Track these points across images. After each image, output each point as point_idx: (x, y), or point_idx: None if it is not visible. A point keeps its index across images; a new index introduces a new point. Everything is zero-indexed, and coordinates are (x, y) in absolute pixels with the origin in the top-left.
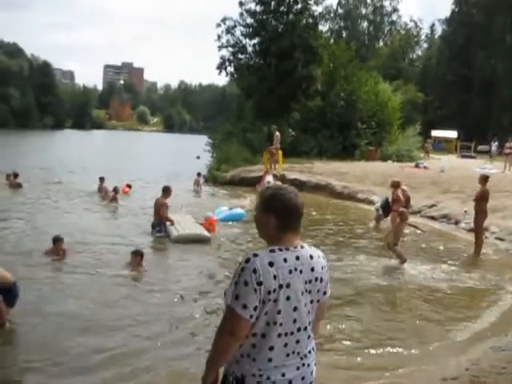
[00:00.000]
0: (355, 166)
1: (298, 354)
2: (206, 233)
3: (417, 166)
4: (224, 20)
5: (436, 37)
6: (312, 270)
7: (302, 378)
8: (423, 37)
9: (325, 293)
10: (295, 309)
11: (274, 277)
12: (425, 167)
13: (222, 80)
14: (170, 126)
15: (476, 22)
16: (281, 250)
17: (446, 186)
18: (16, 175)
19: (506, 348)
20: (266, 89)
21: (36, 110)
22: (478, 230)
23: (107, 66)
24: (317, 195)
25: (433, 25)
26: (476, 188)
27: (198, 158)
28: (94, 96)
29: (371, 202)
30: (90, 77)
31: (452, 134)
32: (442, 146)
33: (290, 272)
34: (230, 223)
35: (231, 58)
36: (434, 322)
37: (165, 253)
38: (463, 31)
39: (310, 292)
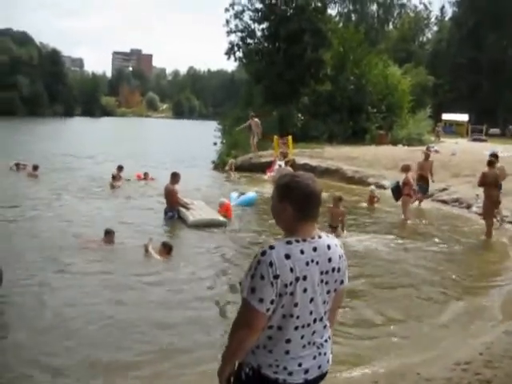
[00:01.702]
0: (366, 151)
1: (314, 343)
2: (221, 218)
3: (428, 149)
4: (232, 5)
5: (446, 19)
6: (329, 260)
7: (319, 367)
8: (433, 19)
9: (342, 282)
10: (311, 300)
11: (291, 269)
12: (436, 151)
13: (230, 65)
14: (179, 113)
15: (486, 3)
16: (298, 241)
17: (457, 169)
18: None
19: None
20: (275, 73)
21: (46, 97)
22: (484, 213)
23: (116, 53)
24: (327, 180)
25: (443, 7)
26: None
27: (215, 144)
28: (103, 83)
29: (382, 187)
30: (99, 64)
31: (463, 117)
32: (452, 130)
33: (307, 264)
34: (244, 207)
35: (240, 43)
36: (442, 305)
37: (183, 239)
38: (473, 13)
39: (326, 283)
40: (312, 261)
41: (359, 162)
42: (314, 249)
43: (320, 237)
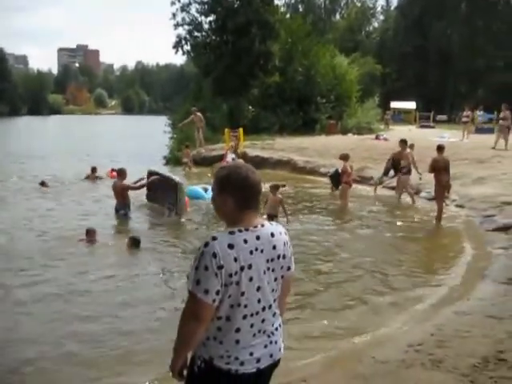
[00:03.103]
0: (316, 141)
1: (265, 332)
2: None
3: (377, 137)
4: None
5: (392, 8)
6: (274, 247)
7: (271, 356)
8: (379, 9)
9: (289, 268)
10: (258, 288)
11: (235, 259)
12: (385, 139)
13: (179, 59)
14: (128, 108)
15: None
16: (240, 230)
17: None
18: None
19: (469, 312)
20: (224, 66)
21: None
22: (436, 197)
23: (61, 49)
24: (279, 171)
25: None
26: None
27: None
28: (49, 81)
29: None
30: (44, 61)
31: (411, 104)
32: (401, 117)
33: (251, 253)
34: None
35: (187, 36)
36: (394, 289)
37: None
38: (419, 1)
39: (273, 270)
40: (256, 249)
41: (310, 152)
42: (258, 237)
43: (263, 225)
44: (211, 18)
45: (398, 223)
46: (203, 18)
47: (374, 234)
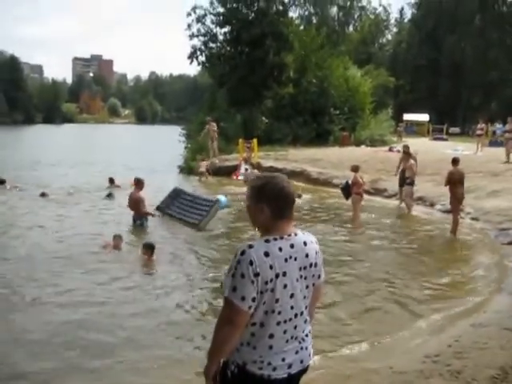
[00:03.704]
0: (329, 152)
1: (296, 338)
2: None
3: (390, 149)
4: (194, 9)
5: (405, 21)
6: (306, 256)
7: (301, 362)
8: (393, 21)
9: (319, 276)
10: (292, 296)
11: (271, 267)
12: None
13: (192, 70)
14: (141, 118)
15: (445, 4)
16: (275, 239)
17: (419, 168)
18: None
19: (486, 324)
20: (238, 77)
21: (5, 105)
22: (452, 210)
23: (76, 59)
24: (293, 182)
25: (402, 9)
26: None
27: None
28: (63, 90)
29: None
30: (59, 70)
31: (424, 117)
32: (414, 130)
33: (286, 260)
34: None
35: (202, 47)
36: (410, 300)
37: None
38: (432, 14)
39: (305, 278)
40: (290, 257)
41: (323, 164)
42: (292, 245)
43: (296, 234)
44: (226, 29)
45: (413, 235)
46: (218, 29)
47: (388, 245)
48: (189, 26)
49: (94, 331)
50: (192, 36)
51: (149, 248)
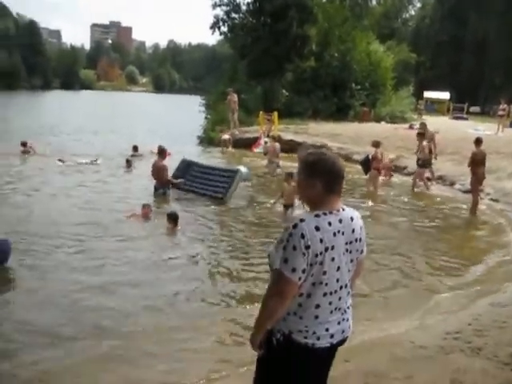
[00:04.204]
0: (349, 127)
1: (340, 309)
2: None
3: (411, 127)
4: None
5: None
6: (353, 231)
7: (342, 332)
8: None
9: (362, 251)
10: (338, 268)
11: (321, 240)
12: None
13: (211, 39)
14: (159, 87)
15: None
16: (325, 214)
17: (440, 147)
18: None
19: (506, 303)
20: (261, 49)
21: (23, 70)
22: (472, 190)
23: (94, 25)
24: None
25: None
26: (471, 150)
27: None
28: (81, 56)
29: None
30: (77, 36)
31: (444, 95)
32: (434, 108)
33: (334, 235)
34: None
35: (225, 17)
36: (430, 277)
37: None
38: None
39: (350, 252)
40: (338, 231)
41: (343, 139)
42: (340, 220)
43: (344, 209)
44: None
45: (431, 213)
46: None
47: (406, 222)
48: None
49: (116, 298)
50: (215, 6)
51: (173, 218)
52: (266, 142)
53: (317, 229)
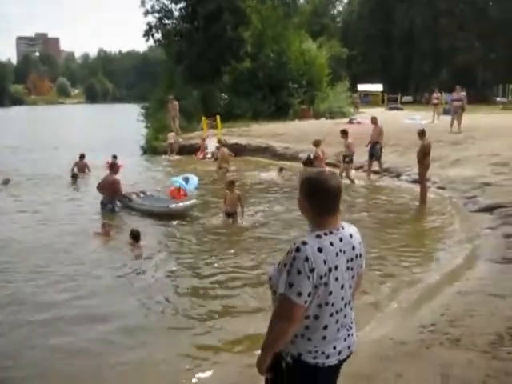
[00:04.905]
0: (291, 126)
1: (345, 326)
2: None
3: (350, 121)
4: None
5: None
6: (353, 248)
7: (349, 347)
8: None
9: (361, 265)
10: (342, 287)
11: (324, 262)
12: (358, 122)
13: (143, 46)
14: (92, 97)
15: None
16: (326, 234)
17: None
18: None
19: (472, 292)
20: (196, 54)
21: None
22: (420, 180)
23: (20, 38)
24: (260, 158)
25: None
26: (412, 140)
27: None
28: (9, 71)
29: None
30: (2, 51)
31: (377, 87)
32: (369, 100)
33: (337, 254)
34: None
35: (158, 24)
36: (390, 269)
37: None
38: None
39: (351, 269)
40: (340, 251)
41: (287, 138)
42: (340, 239)
43: (343, 227)
44: (181, 4)
45: (383, 207)
46: (173, 5)
47: (359, 217)
48: (142, 2)
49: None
50: (147, 13)
51: (135, 235)
52: (217, 148)
53: (320, 250)
